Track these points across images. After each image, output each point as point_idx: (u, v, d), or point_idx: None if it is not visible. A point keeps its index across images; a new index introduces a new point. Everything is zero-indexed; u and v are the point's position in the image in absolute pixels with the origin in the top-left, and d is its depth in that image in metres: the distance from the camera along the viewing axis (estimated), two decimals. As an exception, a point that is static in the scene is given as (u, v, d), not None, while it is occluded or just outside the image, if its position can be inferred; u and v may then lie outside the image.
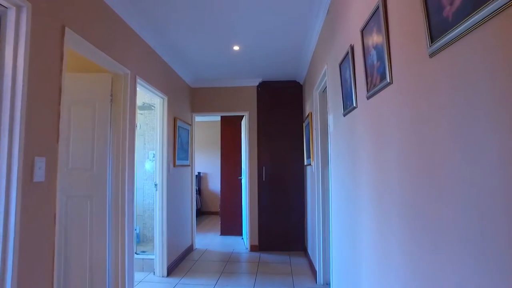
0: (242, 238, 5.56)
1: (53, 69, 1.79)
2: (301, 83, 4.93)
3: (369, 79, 1.49)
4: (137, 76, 2.93)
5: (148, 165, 4.81)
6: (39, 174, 1.69)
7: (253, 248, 4.80)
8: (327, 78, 2.73)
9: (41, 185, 1.71)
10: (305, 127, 4.39)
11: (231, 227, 5.84)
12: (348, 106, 1.93)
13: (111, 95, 2.71)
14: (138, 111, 4.77)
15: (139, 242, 4.63)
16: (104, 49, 2.37)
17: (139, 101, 4.62)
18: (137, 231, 4.46)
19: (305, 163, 4.43)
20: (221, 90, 5.05)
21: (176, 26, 3.08)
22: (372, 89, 1.44)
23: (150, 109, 4.71)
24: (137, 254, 3.98)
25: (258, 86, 5.00)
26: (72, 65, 2.82)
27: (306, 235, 4.64)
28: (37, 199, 1.67)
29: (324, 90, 3.32)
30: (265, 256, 4.49)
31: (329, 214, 3.27)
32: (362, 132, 1.66)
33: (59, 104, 1.84)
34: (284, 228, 4.83)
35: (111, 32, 2.50)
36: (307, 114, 4.26)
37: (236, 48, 3.63)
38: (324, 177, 3.36)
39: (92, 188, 2.64)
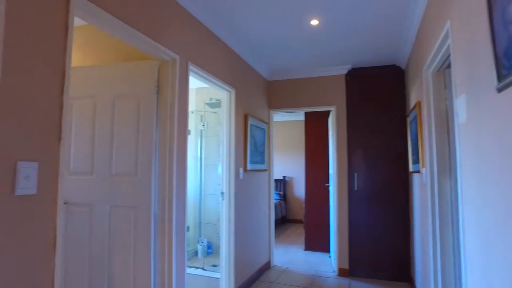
0: (330, 257, 4.70)
1: (51, 45, 1.34)
2: (403, 67, 3.85)
3: None
4: (189, 63, 2.41)
5: (221, 169, 4.37)
6: (26, 185, 1.24)
7: (341, 273, 3.92)
8: (452, 41, 1.76)
9: (29, 199, 1.26)
10: (410, 122, 3.34)
11: (316, 241, 5.02)
12: None
13: (157, 87, 2.25)
14: (206, 108, 4.37)
15: (211, 253, 4.21)
16: (135, 25, 1.88)
17: (206, 97, 4.21)
18: (205, 243, 4.02)
19: (411, 170, 3.38)
20: (302, 82, 4.30)
21: (238, -1, 2.48)
22: None
23: (220, 107, 4.26)
24: (204, 270, 3.54)
25: (346, 75, 4.10)
26: (118, 54, 2.47)
27: (412, 262, 3.56)
28: (21, 218, 1.23)
29: (440, 68, 2.31)
30: (357, 285, 3.57)
31: (459, 245, 2.24)
32: None
33: (62, 92, 1.39)
34: (381, 250, 3.81)
35: (145, 5, 2.02)
36: (413, 105, 3.22)
37: (314, 22, 2.85)
38: (443, 189, 2.34)
39: (136, 196, 2.21)
